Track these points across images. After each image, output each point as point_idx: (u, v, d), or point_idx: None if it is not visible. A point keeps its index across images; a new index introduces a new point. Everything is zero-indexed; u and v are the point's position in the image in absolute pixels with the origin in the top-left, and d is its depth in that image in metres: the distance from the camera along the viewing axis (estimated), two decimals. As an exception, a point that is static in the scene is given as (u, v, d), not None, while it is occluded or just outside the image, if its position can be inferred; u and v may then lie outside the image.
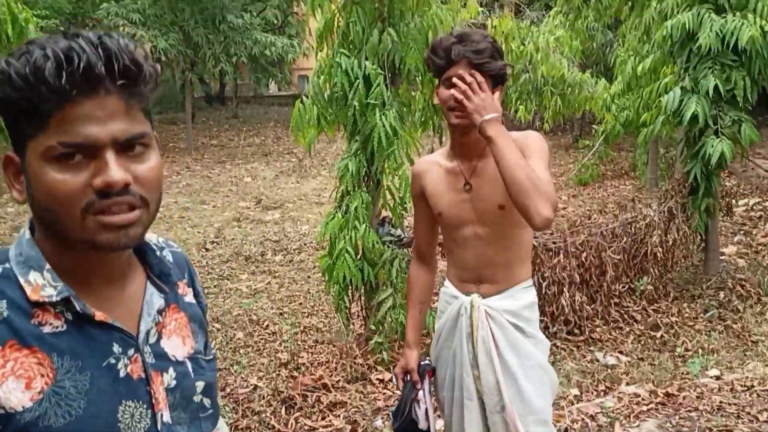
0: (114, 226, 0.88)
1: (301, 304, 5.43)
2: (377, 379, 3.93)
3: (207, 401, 1.06)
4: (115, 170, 0.85)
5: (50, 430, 0.88)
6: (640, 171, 10.08)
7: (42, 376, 0.89)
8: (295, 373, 4.01)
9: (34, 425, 0.88)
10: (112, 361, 0.93)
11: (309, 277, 6.12)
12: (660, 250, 5.05)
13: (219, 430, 1.18)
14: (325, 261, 4.17)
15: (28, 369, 0.88)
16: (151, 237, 1.10)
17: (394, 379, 2.33)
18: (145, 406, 0.96)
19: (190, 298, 1.11)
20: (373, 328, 4.19)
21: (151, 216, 0.92)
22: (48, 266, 0.92)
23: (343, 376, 3.93)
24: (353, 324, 4.47)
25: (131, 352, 0.95)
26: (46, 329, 0.91)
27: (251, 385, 3.84)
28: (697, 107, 4.86)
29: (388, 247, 4.21)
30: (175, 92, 20.00)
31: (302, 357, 4.27)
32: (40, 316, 0.90)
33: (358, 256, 4.03)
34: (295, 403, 3.62)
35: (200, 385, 1.04)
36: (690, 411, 3.46)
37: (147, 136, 0.90)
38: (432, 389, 2.25)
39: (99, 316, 0.93)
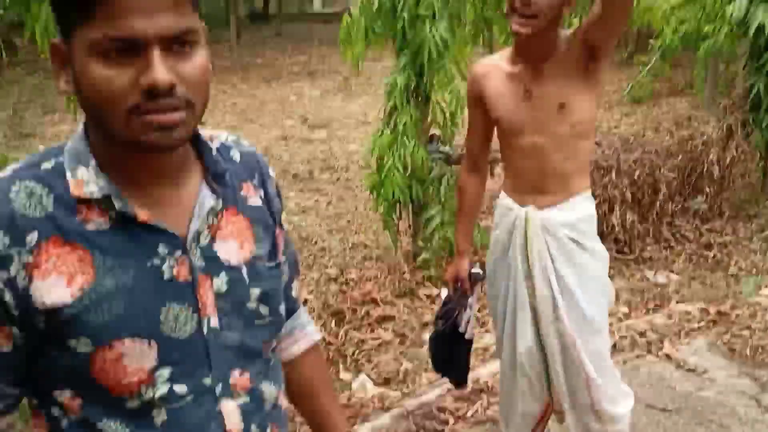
0: (160, 127, 0.84)
1: (349, 221, 5.47)
2: (425, 294, 3.97)
3: (264, 309, 1.01)
4: (161, 70, 0.81)
5: (90, 327, 0.87)
6: (697, 88, 9.68)
7: (83, 273, 0.88)
8: (344, 288, 4.08)
9: (74, 322, 0.87)
10: (157, 262, 0.91)
11: (356, 195, 6.14)
12: (717, 168, 4.90)
13: (303, 328, 1.21)
14: (373, 178, 4.17)
15: (70, 266, 0.87)
16: (220, 134, 1.07)
17: (442, 292, 2.36)
18: (190, 309, 0.93)
19: (255, 200, 1.04)
20: (421, 244, 4.21)
21: (197, 117, 0.88)
22: (93, 162, 0.90)
23: (391, 291, 3.99)
24: (401, 241, 4.50)
25: (178, 253, 0.92)
26: (90, 226, 0.89)
27: (301, 298, 3.93)
28: (764, 17, 4.61)
29: (437, 164, 4.18)
30: (219, 10, 19.81)
31: (351, 273, 4.33)
32: (85, 213, 0.89)
33: (407, 174, 4.01)
34: (345, 317, 3.69)
35: (255, 291, 0.99)
36: (742, 329, 3.43)
37: (195, 32, 0.85)
38: (479, 298, 2.30)
39: (142, 215, 0.90)
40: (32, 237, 0.87)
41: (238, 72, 14.08)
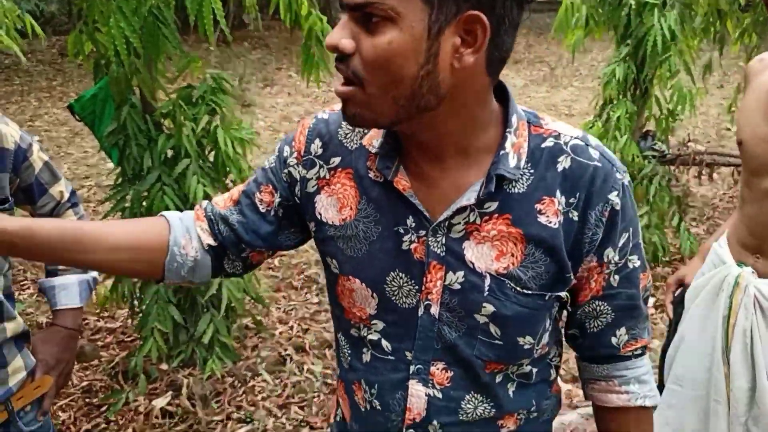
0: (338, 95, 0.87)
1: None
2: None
3: (495, 330, 0.96)
4: (333, 32, 0.83)
5: (339, 254, 1.00)
6: None
7: (350, 208, 0.98)
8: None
9: (332, 243, 1.00)
10: (401, 230, 0.95)
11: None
12: None
13: (625, 384, 1.06)
14: (577, 171, 4.03)
15: (346, 197, 0.98)
16: (567, 134, 0.95)
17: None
18: (416, 287, 0.96)
19: (551, 220, 0.92)
20: (623, 245, 4.00)
21: (368, 98, 0.85)
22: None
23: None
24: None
25: (421, 233, 0.94)
26: (371, 174, 0.97)
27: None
28: None
29: (649, 162, 3.95)
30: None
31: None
32: (372, 162, 0.96)
33: (615, 169, 3.82)
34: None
35: (488, 308, 0.94)
36: None
37: (383, 8, 0.79)
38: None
39: (398, 183, 0.94)
40: (336, 161, 0.99)
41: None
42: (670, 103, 3.86)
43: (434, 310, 0.96)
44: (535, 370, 1.03)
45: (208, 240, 1.04)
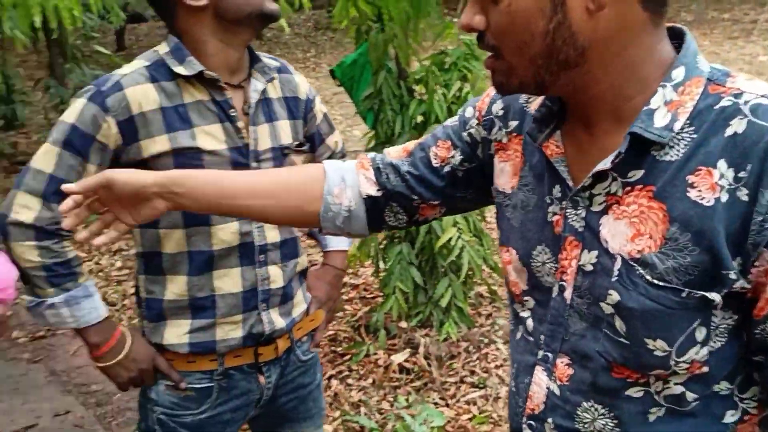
0: None
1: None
2: None
3: (621, 326, 0.80)
4: (464, 13, 0.82)
5: (504, 223, 0.96)
6: None
7: (516, 175, 0.93)
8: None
9: (501, 209, 0.97)
10: (548, 200, 0.88)
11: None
12: None
13: None
14: None
15: (516, 165, 0.93)
16: (745, 91, 0.76)
17: None
18: (555, 265, 0.86)
19: (706, 195, 0.74)
20: None
21: (508, 65, 0.81)
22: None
23: None
24: None
25: (564, 203, 0.85)
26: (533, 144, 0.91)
27: None
28: None
29: None
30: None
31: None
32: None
33: None
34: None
35: (613, 296, 0.79)
36: None
37: None
38: None
39: (546, 148, 0.87)
40: (513, 124, 0.96)
41: (702, 27, 13.10)
42: None
43: (568, 293, 0.85)
44: (692, 396, 0.80)
45: (369, 189, 1.03)
